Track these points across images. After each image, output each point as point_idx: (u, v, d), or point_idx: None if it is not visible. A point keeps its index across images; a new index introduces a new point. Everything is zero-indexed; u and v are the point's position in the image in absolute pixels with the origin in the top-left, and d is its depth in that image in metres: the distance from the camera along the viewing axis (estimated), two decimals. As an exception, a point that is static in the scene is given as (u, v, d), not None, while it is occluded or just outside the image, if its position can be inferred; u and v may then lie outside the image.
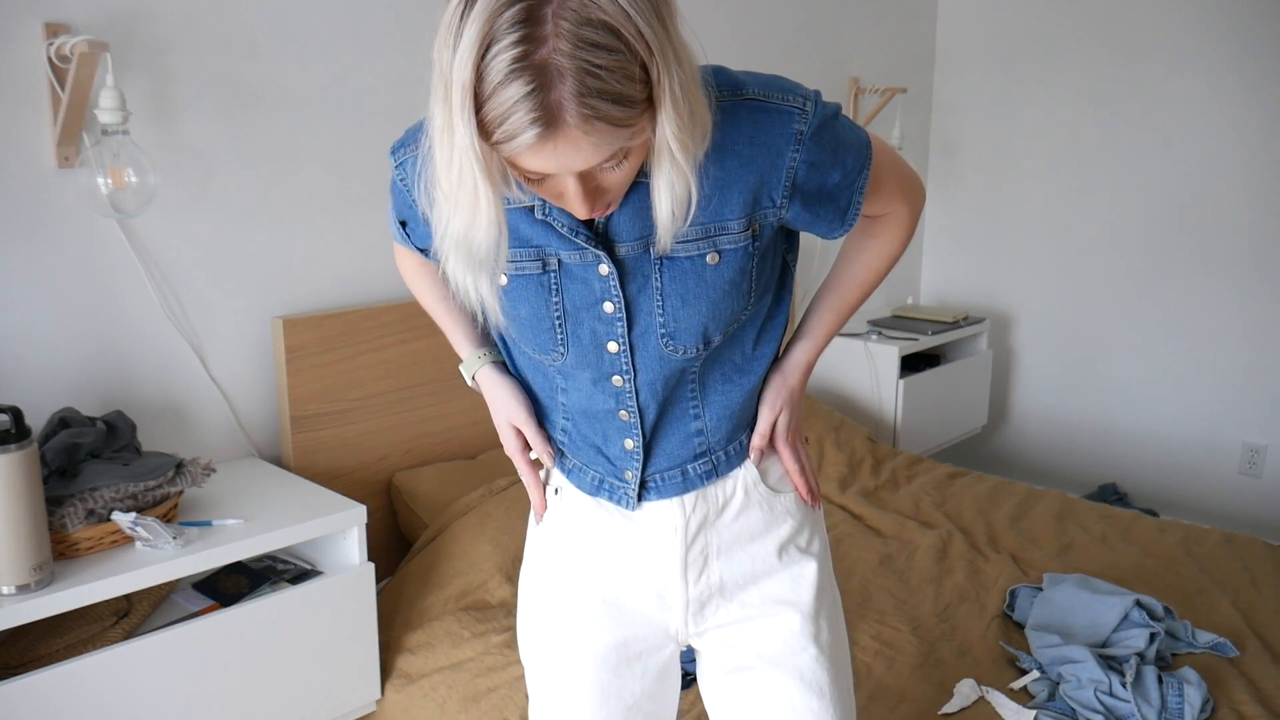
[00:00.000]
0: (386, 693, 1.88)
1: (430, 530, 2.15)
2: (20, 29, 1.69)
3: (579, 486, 1.13)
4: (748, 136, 0.95)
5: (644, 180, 0.94)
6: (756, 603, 1.12)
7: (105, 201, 1.76)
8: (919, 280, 4.01)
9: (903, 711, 1.71)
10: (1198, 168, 3.29)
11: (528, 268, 0.99)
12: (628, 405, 1.06)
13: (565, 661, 1.14)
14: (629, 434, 1.07)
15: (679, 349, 1.02)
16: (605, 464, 1.10)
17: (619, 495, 1.11)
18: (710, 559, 1.11)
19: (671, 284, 0.99)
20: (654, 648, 1.15)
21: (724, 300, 1.01)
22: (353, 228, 2.19)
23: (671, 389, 1.06)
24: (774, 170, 0.97)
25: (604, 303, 0.99)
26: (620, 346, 1.01)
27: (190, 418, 2.00)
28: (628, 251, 0.97)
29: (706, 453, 1.10)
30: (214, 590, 1.80)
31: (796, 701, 1.11)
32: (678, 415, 1.08)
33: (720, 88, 0.94)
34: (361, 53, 2.15)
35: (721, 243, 0.98)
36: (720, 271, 0.99)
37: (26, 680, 1.45)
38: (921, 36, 3.76)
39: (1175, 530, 2.46)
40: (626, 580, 1.12)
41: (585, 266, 0.98)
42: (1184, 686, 1.69)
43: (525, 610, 1.20)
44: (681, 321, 1.00)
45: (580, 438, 1.11)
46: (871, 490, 2.72)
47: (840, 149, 1.00)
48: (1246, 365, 3.30)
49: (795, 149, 0.97)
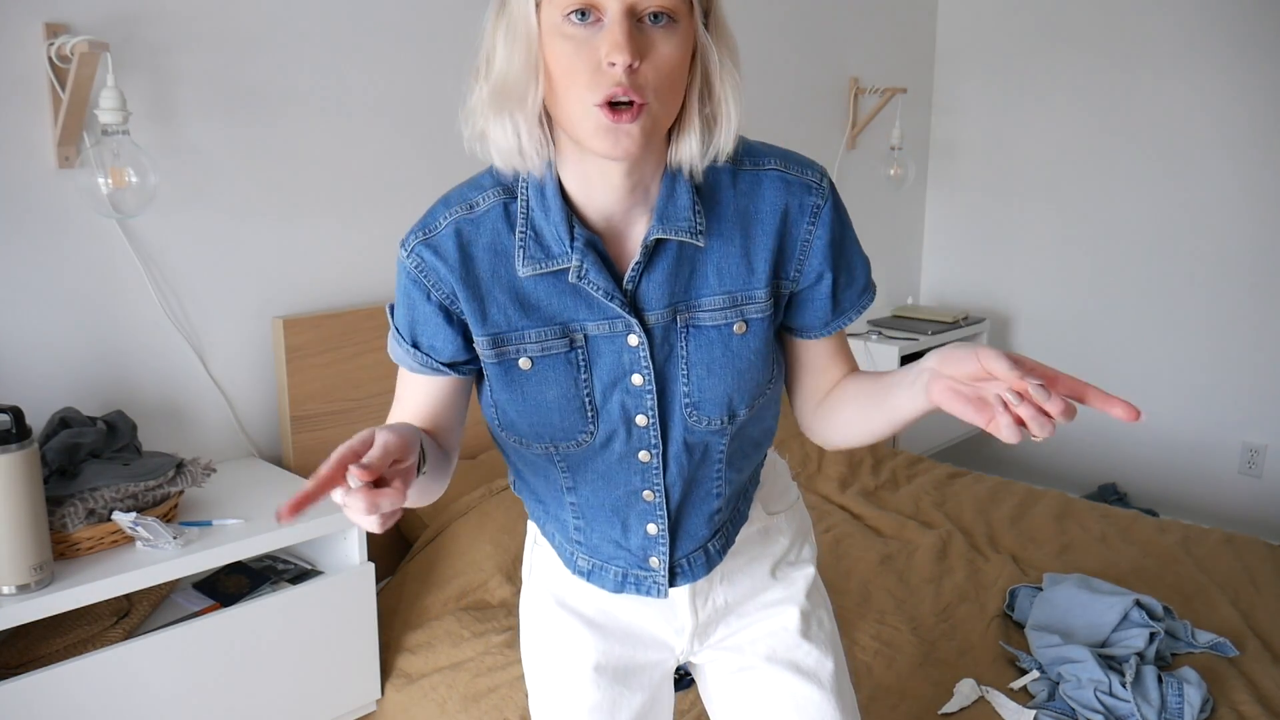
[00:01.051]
0: (386, 693, 1.88)
1: (430, 530, 2.16)
2: (20, 29, 1.69)
3: (601, 586, 1.10)
4: (771, 206, 0.97)
5: (671, 241, 0.95)
6: (753, 611, 1.15)
7: (105, 201, 1.76)
8: (919, 280, 4.01)
9: (903, 711, 1.71)
10: (1197, 167, 3.29)
11: (554, 346, 0.97)
12: (654, 484, 1.03)
13: (566, 675, 1.15)
14: (652, 517, 1.05)
15: (703, 420, 1.00)
16: (626, 556, 1.08)
17: (646, 586, 1.09)
18: (715, 585, 1.13)
19: (697, 353, 0.98)
20: (656, 662, 1.16)
21: (749, 371, 1.00)
22: (353, 228, 2.19)
23: (697, 466, 1.04)
24: (792, 242, 0.99)
25: (633, 375, 0.98)
26: (649, 420, 1.00)
27: (190, 418, 2.00)
28: (657, 320, 0.97)
29: (721, 528, 1.10)
30: (214, 590, 1.80)
31: (798, 694, 1.13)
32: (702, 496, 1.06)
33: (742, 155, 0.98)
34: (361, 53, 2.15)
35: (749, 312, 0.98)
36: (747, 341, 0.99)
37: (26, 680, 1.45)
38: (921, 36, 3.76)
39: (1175, 530, 2.46)
40: (634, 610, 1.14)
41: (614, 338, 0.97)
42: (1184, 686, 1.69)
43: (527, 626, 1.20)
44: (706, 391, 0.99)
45: (597, 535, 1.08)
46: (871, 490, 2.72)
47: (849, 238, 1.02)
48: (1246, 365, 3.29)
49: (811, 223, 0.99)
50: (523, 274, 0.95)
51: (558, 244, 0.94)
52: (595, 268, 0.94)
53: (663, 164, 0.95)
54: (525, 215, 0.95)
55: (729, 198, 0.97)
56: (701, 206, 0.96)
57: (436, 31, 2.26)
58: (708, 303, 0.98)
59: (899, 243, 3.86)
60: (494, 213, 0.96)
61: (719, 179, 0.97)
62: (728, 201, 0.97)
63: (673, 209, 0.94)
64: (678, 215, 0.94)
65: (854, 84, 3.43)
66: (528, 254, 0.94)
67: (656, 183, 0.95)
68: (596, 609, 1.13)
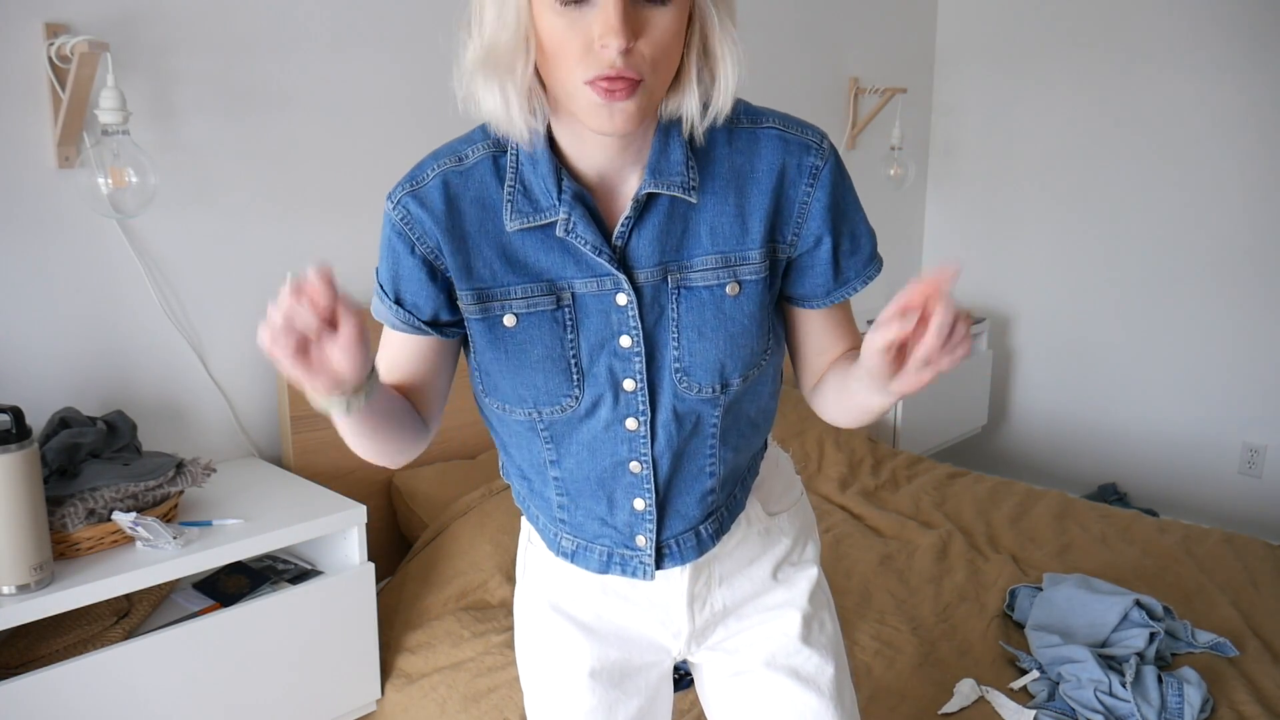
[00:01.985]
0: (386, 693, 1.88)
1: (430, 530, 2.16)
2: (20, 29, 1.69)
3: (585, 568, 1.07)
4: (768, 164, 0.95)
5: (663, 195, 0.94)
6: (753, 613, 1.13)
7: (105, 201, 1.76)
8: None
9: (903, 711, 1.71)
10: (1197, 168, 3.29)
11: (540, 304, 0.95)
12: (641, 454, 1.00)
13: (562, 680, 1.13)
14: (639, 491, 1.02)
15: (694, 386, 0.97)
16: (612, 534, 1.04)
17: (631, 567, 1.06)
18: (713, 589, 1.11)
19: (688, 315, 0.96)
20: (652, 663, 1.15)
21: (743, 335, 0.97)
22: (353, 228, 2.19)
23: (689, 438, 1.00)
24: (789, 203, 0.96)
25: (621, 336, 0.95)
26: (637, 384, 0.97)
27: (190, 418, 2.00)
28: (646, 279, 0.94)
29: (715, 512, 1.07)
30: (214, 590, 1.80)
31: (797, 701, 1.11)
32: (693, 473, 1.03)
33: (740, 114, 0.95)
34: (361, 53, 2.15)
35: (742, 273, 0.96)
36: (740, 304, 0.96)
37: (26, 680, 1.45)
38: (921, 36, 3.76)
39: (1175, 530, 2.46)
40: (629, 614, 1.12)
41: (602, 297, 0.94)
42: (1184, 686, 1.69)
43: (521, 630, 1.19)
44: (697, 355, 0.96)
45: (582, 512, 1.04)
46: (871, 490, 2.72)
47: (851, 203, 0.99)
48: (1246, 365, 3.30)
49: (810, 184, 0.96)
50: (510, 228, 0.93)
51: (545, 197, 0.92)
52: (584, 221, 0.92)
53: (656, 119, 0.93)
54: (515, 169, 0.93)
55: (724, 154, 0.95)
56: (695, 162, 0.94)
57: (436, 31, 2.26)
58: (699, 262, 0.95)
59: (899, 243, 3.86)
60: (482, 165, 0.94)
61: (715, 136, 0.95)
62: (722, 159, 0.95)
63: (665, 164, 0.92)
64: (670, 170, 0.92)
65: (854, 84, 3.43)
66: (515, 207, 0.93)
67: (649, 138, 0.93)
68: (591, 614, 1.11)
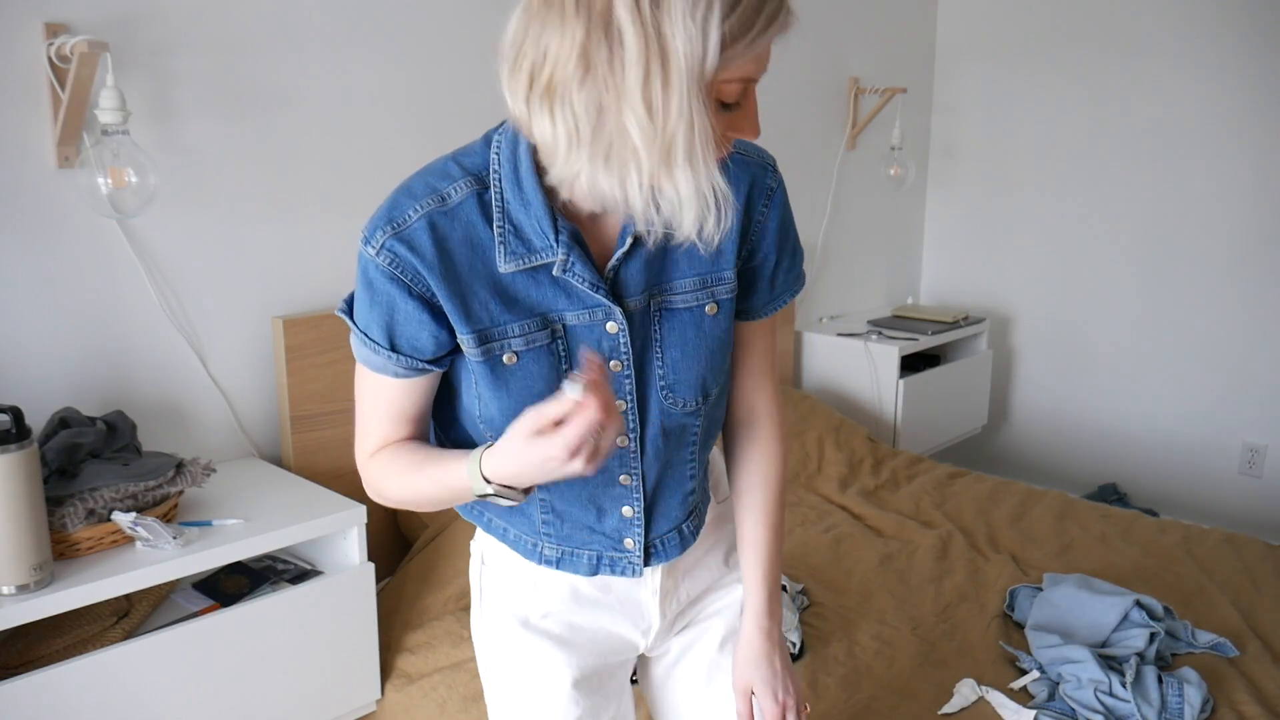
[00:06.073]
0: (386, 693, 1.88)
1: (430, 530, 2.16)
2: (20, 29, 1.69)
3: (574, 572, 1.08)
4: (736, 186, 0.98)
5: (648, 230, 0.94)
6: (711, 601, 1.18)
7: (105, 201, 1.76)
8: (919, 280, 4.01)
9: (903, 711, 1.71)
10: (1197, 167, 3.29)
11: (537, 339, 0.96)
12: (631, 468, 1.03)
13: (545, 697, 1.12)
14: (628, 501, 1.05)
15: (679, 402, 1.02)
16: (601, 540, 1.07)
17: (621, 566, 1.08)
18: (680, 582, 1.15)
19: (671, 335, 1.00)
20: (625, 663, 1.18)
21: (720, 350, 1.03)
22: (353, 227, 2.17)
23: (673, 448, 1.05)
24: (750, 221, 1.01)
25: (611, 361, 0.98)
26: (627, 405, 1.00)
27: (190, 418, 2.00)
28: (636, 305, 0.97)
29: (694, 509, 1.11)
30: (214, 590, 1.80)
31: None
32: (677, 477, 1.07)
33: None
34: (361, 53, 2.15)
35: (719, 293, 1.01)
36: (718, 321, 1.02)
37: (26, 680, 1.45)
38: (921, 36, 3.76)
39: (1175, 530, 2.46)
40: (601, 618, 1.13)
41: (593, 327, 0.97)
42: (1184, 686, 1.69)
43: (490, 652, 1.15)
44: (681, 373, 1.01)
45: (570, 524, 1.05)
46: (871, 490, 2.72)
47: (792, 221, 1.06)
48: (1246, 365, 3.29)
49: (765, 204, 1.02)
50: (505, 270, 0.93)
51: (539, 237, 0.92)
52: (581, 261, 0.93)
53: None
54: (501, 208, 0.92)
55: None
56: None
57: (436, 31, 2.26)
58: (680, 285, 0.99)
59: (899, 243, 3.86)
60: (468, 204, 0.92)
61: None
62: None
63: None
64: None
65: (854, 84, 3.43)
66: (509, 249, 0.92)
67: None
68: (563, 625, 1.11)
